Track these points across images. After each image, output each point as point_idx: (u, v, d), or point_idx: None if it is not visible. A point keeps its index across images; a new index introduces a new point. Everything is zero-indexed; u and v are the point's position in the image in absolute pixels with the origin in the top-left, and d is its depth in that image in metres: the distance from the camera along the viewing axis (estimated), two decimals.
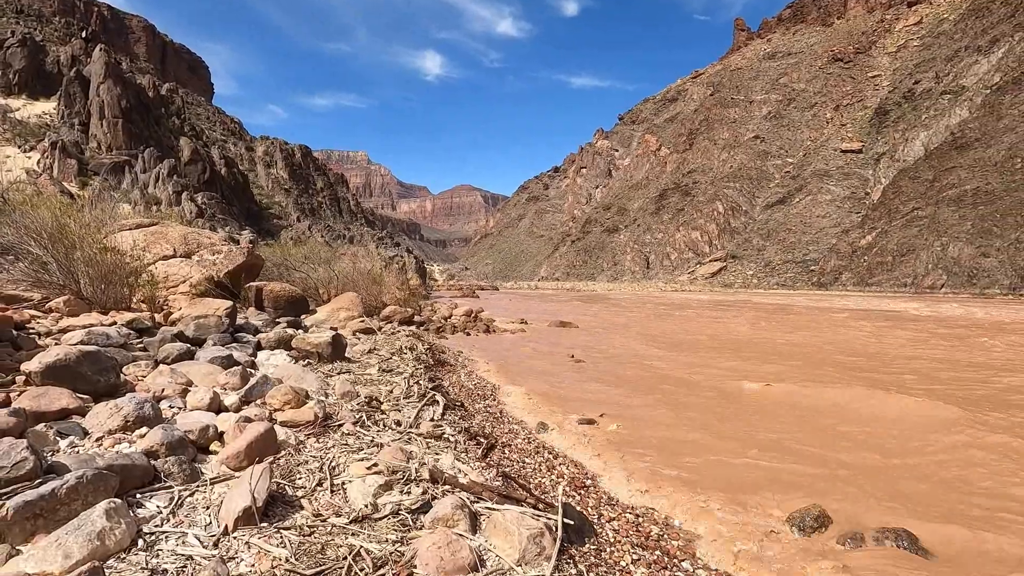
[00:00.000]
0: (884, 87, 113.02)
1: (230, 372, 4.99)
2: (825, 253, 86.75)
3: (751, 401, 6.73)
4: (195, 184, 46.86)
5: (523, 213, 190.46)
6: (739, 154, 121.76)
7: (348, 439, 3.86)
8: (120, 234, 11.63)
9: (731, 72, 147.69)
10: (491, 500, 2.89)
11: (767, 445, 4.82)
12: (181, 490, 2.74)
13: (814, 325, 18.63)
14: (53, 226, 7.40)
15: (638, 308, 30.09)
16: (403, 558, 2.25)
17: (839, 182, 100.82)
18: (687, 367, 9.23)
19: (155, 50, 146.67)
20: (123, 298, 8.12)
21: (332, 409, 4.59)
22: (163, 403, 4.17)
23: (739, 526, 3.25)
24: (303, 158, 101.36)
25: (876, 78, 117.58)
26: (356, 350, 8.20)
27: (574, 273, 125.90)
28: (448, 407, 5.17)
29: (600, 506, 3.38)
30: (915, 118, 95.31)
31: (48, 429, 3.18)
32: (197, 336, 6.68)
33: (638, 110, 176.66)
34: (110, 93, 45.35)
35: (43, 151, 38.67)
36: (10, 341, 5.11)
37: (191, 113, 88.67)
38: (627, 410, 6.00)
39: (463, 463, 3.55)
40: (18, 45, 51.73)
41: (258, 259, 14.11)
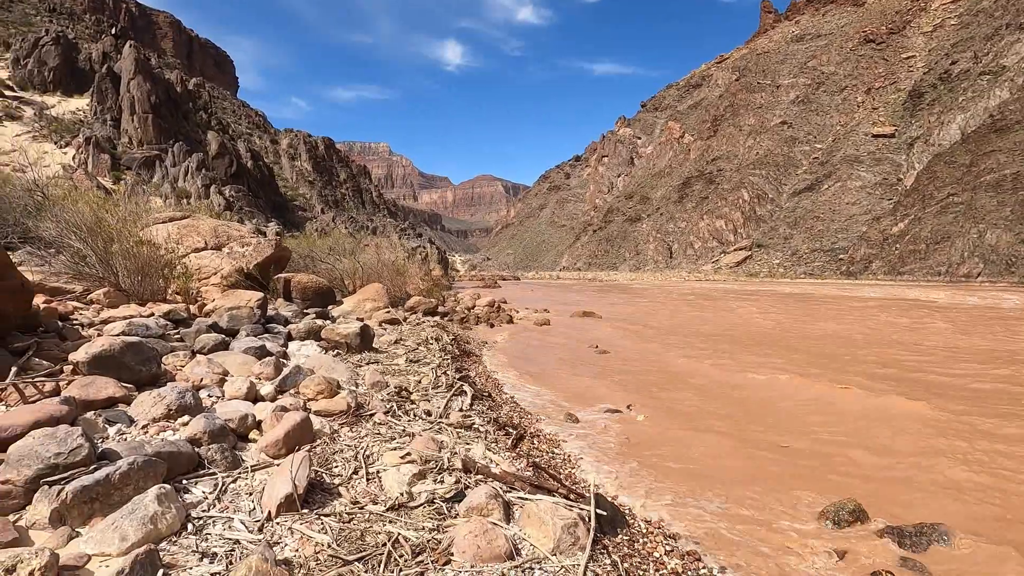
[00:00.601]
0: (919, 68, 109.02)
1: (264, 362, 5.11)
2: (855, 241, 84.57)
3: (775, 397, 6.64)
4: (222, 177, 47.75)
5: (544, 203, 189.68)
6: (765, 140, 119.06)
7: (380, 428, 3.94)
8: (154, 227, 11.96)
9: (757, 56, 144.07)
10: (523, 490, 2.93)
11: (788, 441, 4.77)
12: (224, 477, 2.84)
13: (847, 316, 18.24)
14: (91, 220, 7.63)
15: (661, 298, 29.82)
16: (440, 545, 2.30)
17: (870, 168, 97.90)
18: (714, 359, 9.14)
19: (181, 45, 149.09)
20: (159, 290, 8.36)
21: (363, 399, 4.68)
22: (202, 392, 4.30)
23: (761, 523, 3.24)
24: (326, 150, 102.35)
25: (910, 59, 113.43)
26: (383, 340, 8.32)
27: (596, 263, 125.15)
28: (476, 397, 5.22)
29: (631, 494, 3.39)
30: (951, 100, 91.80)
31: (97, 417, 3.32)
32: (231, 327, 6.85)
33: (661, 97, 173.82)
34: (140, 89, 46.34)
35: (78, 147, 39.81)
36: (56, 332, 5.31)
37: (217, 107, 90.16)
38: (653, 400, 5.98)
39: (493, 453, 3.60)
40: (52, 43, 53.12)
41: (285, 251, 14.35)
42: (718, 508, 3.38)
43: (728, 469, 4.03)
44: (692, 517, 3.18)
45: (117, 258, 7.79)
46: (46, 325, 5.45)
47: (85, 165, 37.30)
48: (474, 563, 2.21)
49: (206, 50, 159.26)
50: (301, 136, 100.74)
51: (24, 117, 43.71)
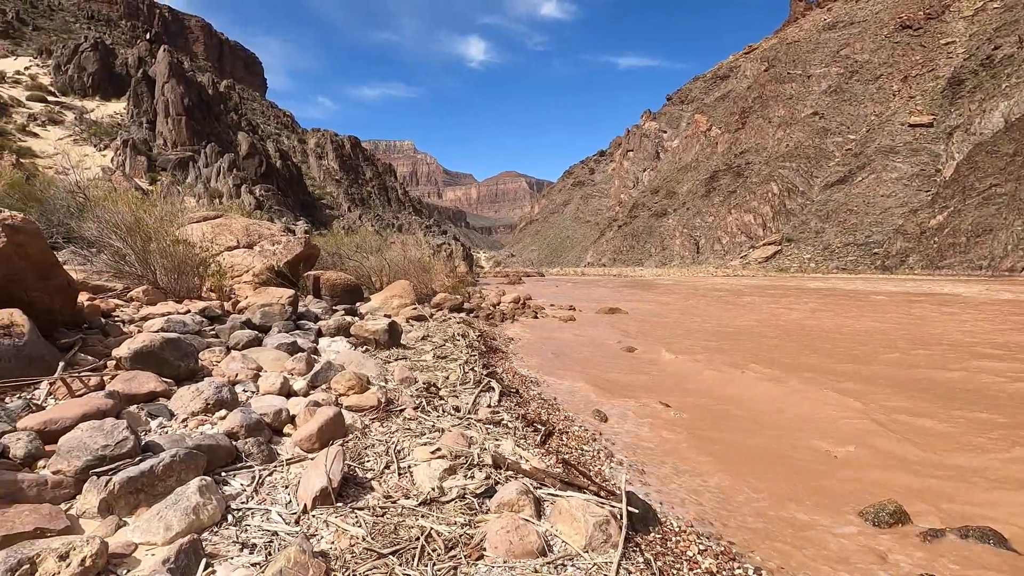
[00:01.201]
0: (959, 55, 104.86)
1: (296, 358, 5.22)
2: (890, 235, 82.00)
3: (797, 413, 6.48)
4: (253, 177, 48.86)
5: (568, 198, 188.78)
6: (796, 132, 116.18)
7: (410, 424, 3.98)
8: (189, 227, 12.30)
9: (787, 45, 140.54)
10: (553, 487, 2.93)
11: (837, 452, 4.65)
12: (261, 470, 2.91)
13: (888, 312, 17.71)
14: (130, 220, 7.88)
15: (689, 294, 29.42)
16: (472, 540, 2.32)
17: (906, 159, 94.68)
18: (749, 357, 8.98)
19: (212, 48, 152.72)
20: (194, 287, 8.59)
21: (392, 394, 4.73)
22: (237, 387, 4.41)
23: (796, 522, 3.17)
24: (352, 149, 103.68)
25: (950, 45, 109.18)
26: (410, 337, 8.40)
27: (621, 259, 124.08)
28: (504, 393, 5.24)
29: (662, 494, 3.35)
30: (994, 87, 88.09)
31: (140, 410, 3.43)
32: (263, 323, 7.01)
33: (687, 89, 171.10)
34: (174, 92, 47.70)
35: (116, 149, 41.21)
36: (99, 328, 5.51)
37: (247, 108, 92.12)
38: (685, 397, 5.91)
39: (523, 449, 3.60)
40: (91, 49, 55.04)
41: (315, 249, 14.60)
42: (757, 513, 3.32)
43: (766, 473, 3.96)
44: (731, 523, 3.13)
45: (155, 257, 8.03)
46: (90, 322, 5.66)
47: (123, 167, 38.59)
48: (507, 558, 2.22)
49: (236, 53, 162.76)
50: (328, 135, 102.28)
51: (66, 121, 45.43)
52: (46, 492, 2.29)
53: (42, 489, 2.29)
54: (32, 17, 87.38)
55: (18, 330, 3.95)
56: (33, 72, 53.70)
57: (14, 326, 3.94)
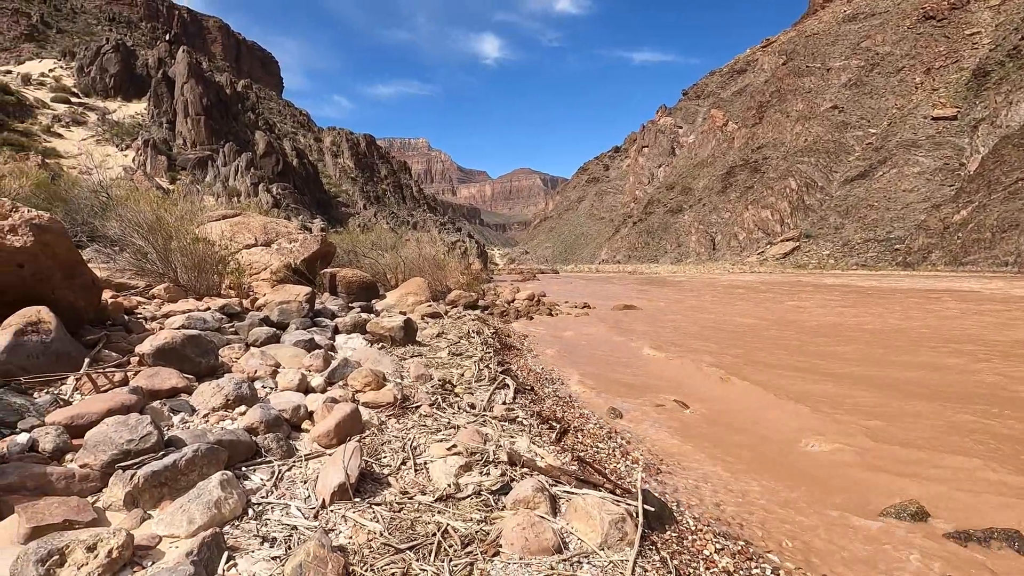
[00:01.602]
0: (984, 45, 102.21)
1: (313, 355, 5.28)
2: (912, 230, 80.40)
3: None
4: (270, 175, 49.47)
5: (583, 195, 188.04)
6: (814, 126, 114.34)
7: (426, 420, 4.01)
8: (208, 225, 12.49)
9: (806, 38, 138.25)
10: (569, 484, 2.93)
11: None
12: (280, 465, 2.95)
13: (915, 311, 17.40)
14: (151, 219, 8.03)
15: (705, 291, 29.16)
16: (488, 537, 2.33)
17: (929, 153, 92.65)
18: (768, 353, 8.89)
19: (230, 48, 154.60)
20: (214, 285, 8.73)
21: (408, 391, 4.77)
22: (256, 383, 4.47)
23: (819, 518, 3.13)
24: (367, 147, 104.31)
25: (975, 36, 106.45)
26: (425, 334, 8.45)
27: (636, 255, 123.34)
28: (519, 391, 5.25)
29: (678, 492, 3.34)
30: (1021, 78, 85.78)
31: (163, 406, 3.50)
32: (281, 320, 7.10)
33: (703, 84, 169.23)
34: (193, 92, 48.42)
35: (137, 149, 41.98)
36: (122, 325, 5.62)
37: (264, 108, 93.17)
38: (698, 394, 5.87)
39: (538, 446, 3.61)
40: (112, 51, 56.10)
41: (331, 246, 14.74)
42: (773, 513, 3.29)
43: (781, 474, 3.92)
44: (747, 522, 3.11)
45: (175, 255, 8.18)
46: (114, 319, 5.78)
47: (144, 166, 39.31)
48: (522, 555, 2.23)
49: (253, 52, 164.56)
50: (343, 134, 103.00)
51: (88, 122, 46.37)
52: (74, 485, 2.36)
53: (70, 482, 2.35)
54: (56, 20, 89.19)
55: (45, 327, 4.05)
56: (57, 74, 54.92)
57: (42, 323, 4.04)
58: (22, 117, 40.37)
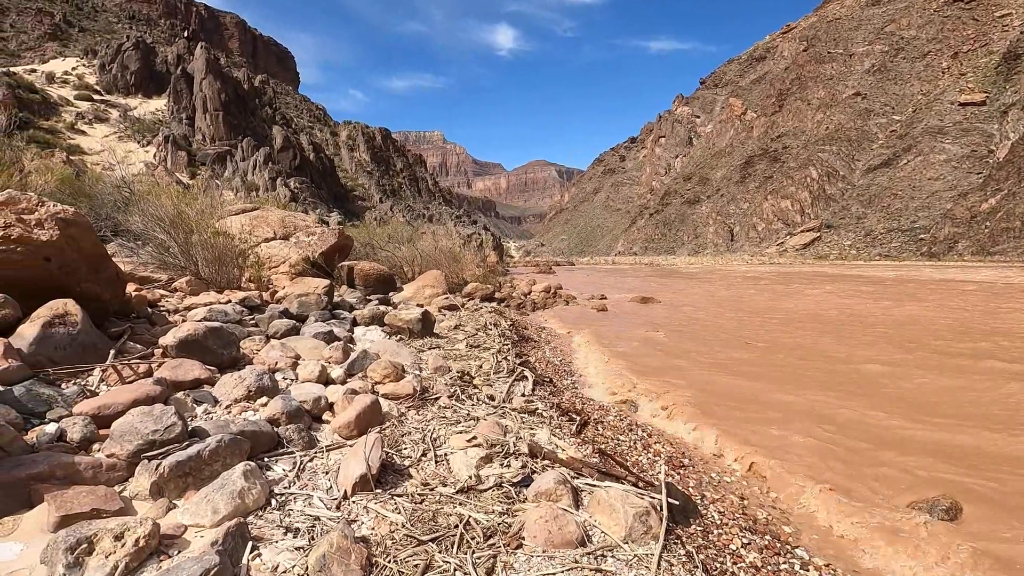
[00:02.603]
0: (1015, 27, 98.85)
1: (332, 347, 5.30)
2: (937, 220, 78.42)
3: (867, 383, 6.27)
4: (287, 170, 49.98)
5: (598, 187, 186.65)
6: (836, 114, 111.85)
7: (445, 412, 4.00)
8: (228, 219, 12.64)
9: (828, 23, 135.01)
10: (591, 476, 2.90)
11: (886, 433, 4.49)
12: (302, 456, 2.96)
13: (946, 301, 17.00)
14: (173, 213, 8.13)
15: (724, 282, 28.81)
16: (511, 529, 2.31)
17: (956, 140, 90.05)
18: (790, 346, 8.75)
19: (246, 44, 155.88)
20: (234, 278, 8.83)
21: (427, 383, 4.77)
22: (277, 375, 4.51)
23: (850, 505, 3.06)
24: (383, 140, 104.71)
25: (1005, 18, 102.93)
26: (443, 326, 8.47)
27: (652, 247, 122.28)
28: (537, 383, 5.22)
29: (702, 486, 3.29)
30: None
31: (186, 397, 3.54)
32: (300, 313, 7.16)
33: (721, 72, 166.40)
34: (211, 88, 49.01)
35: (158, 145, 42.66)
36: (146, 318, 5.71)
37: (281, 102, 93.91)
38: (716, 386, 5.79)
39: (558, 439, 3.58)
40: (133, 49, 56.96)
41: (348, 240, 14.83)
42: (801, 506, 3.23)
43: (813, 464, 3.85)
44: (774, 514, 3.05)
45: (196, 248, 8.28)
46: (138, 311, 5.87)
47: (164, 162, 39.95)
48: (546, 548, 2.20)
49: (269, 48, 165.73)
50: (359, 128, 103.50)
51: (110, 119, 47.20)
52: (101, 474, 2.39)
53: (97, 471, 2.38)
54: (78, 19, 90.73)
55: (72, 319, 4.12)
56: (80, 72, 55.93)
57: (68, 315, 4.11)
58: (47, 115, 41.24)
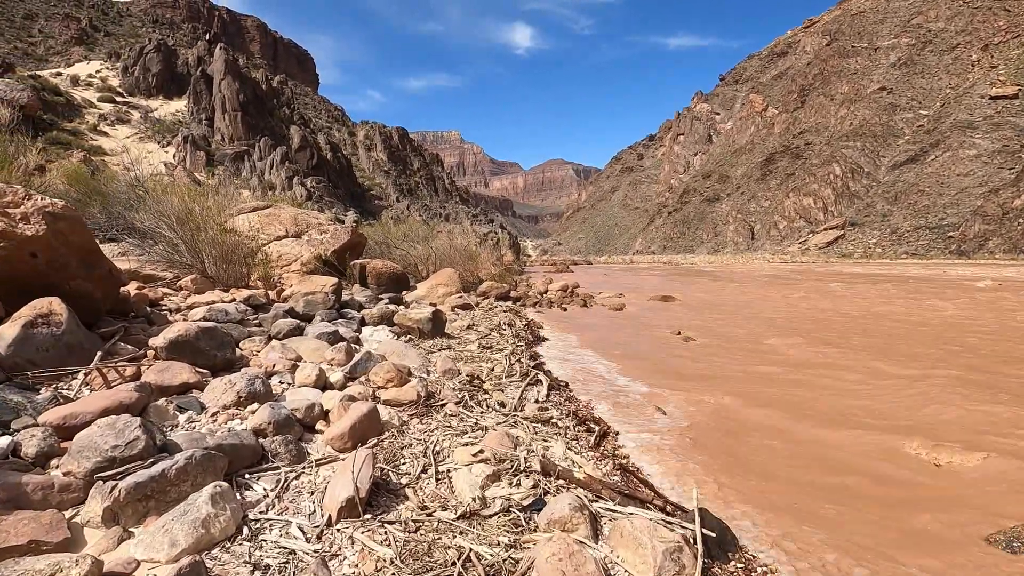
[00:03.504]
0: None
1: (336, 348, 5.02)
2: (967, 217, 76.05)
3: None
4: (305, 169, 50.19)
5: (616, 185, 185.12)
6: (861, 109, 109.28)
7: (451, 420, 3.68)
8: (239, 217, 12.50)
9: (852, 17, 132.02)
10: (612, 500, 2.55)
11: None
12: (287, 472, 2.66)
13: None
14: (180, 211, 7.94)
15: (746, 282, 28.10)
16: (518, 568, 1.97)
17: (987, 134, 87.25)
18: (816, 351, 8.27)
19: (267, 47, 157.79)
20: (242, 276, 8.62)
21: (434, 387, 4.46)
22: (273, 379, 4.23)
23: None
24: (400, 140, 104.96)
25: None
26: (455, 326, 8.16)
27: (671, 246, 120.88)
28: (552, 387, 4.88)
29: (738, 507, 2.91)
30: None
31: (169, 403, 3.26)
32: (306, 312, 6.90)
33: (741, 68, 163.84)
34: (229, 88, 49.42)
35: (177, 145, 43.13)
36: (144, 317, 5.48)
37: (299, 103, 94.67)
38: (752, 395, 5.38)
39: (575, 453, 3.23)
40: (154, 51, 57.80)
41: (361, 238, 14.63)
42: (856, 535, 2.83)
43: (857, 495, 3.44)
44: (828, 548, 2.66)
45: (204, 246, 8.08)
46: (137, 310, 5.66)
47: (184, 162, 40.37)
48: None
49: (289, 50, 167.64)
50: (376, 127, 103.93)
51: (132, 120, 47.90)
52: (52, 496, 2.10)
53: (48, 493, 2.09)
54: (103, 24, 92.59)
55: (57, 319, 3.88)
56: (103, 75, 56.91)
57: (53, 315, 3.87)
58: (70, 117, 41.97)
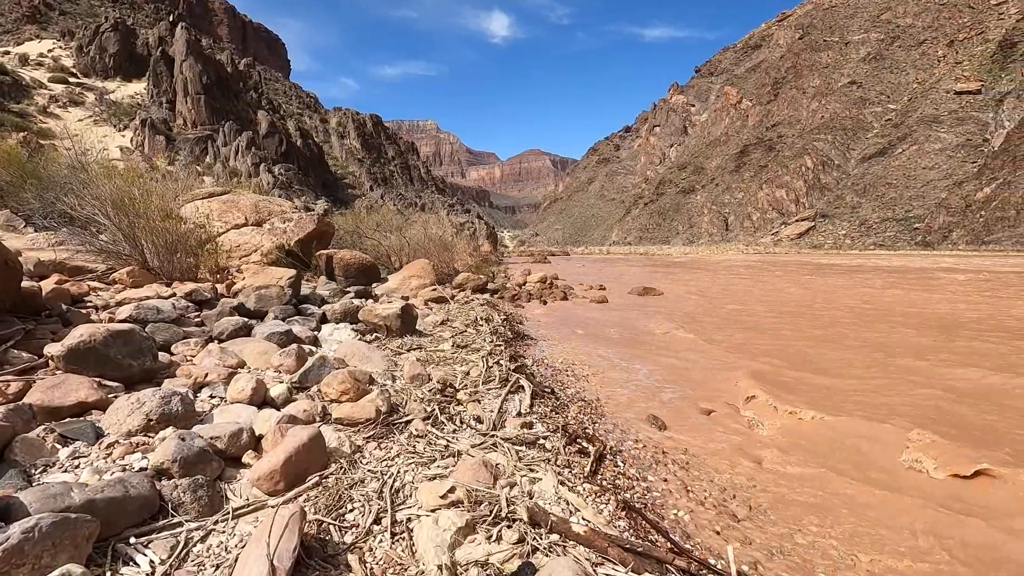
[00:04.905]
0: (1011, 15, 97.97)
1: (285, 352, 4.32)
2: (932, 209, 78.01)
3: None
4: (273, 156, 48.37)
5: (593, 176, 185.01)
6: (831, 102, 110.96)
7: (417, 443, 3.03)
8: (193, 203, 11.55)
9: (823, 11, 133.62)
10: (624, 563, 1.94)
11: None
12: (192, 530, 1.99)
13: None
14: (116, 195, 7.06)
15: (724, 272, 27.94)
16: None
17: (951, 128, 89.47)
18: (817, 340, 7.85)
19: (236, 31, 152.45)
20: (191, 268, 7.79)
21: (399, 398, 3.81)
22: (203, 392, 3.52)
23: None
24: (374, 127, 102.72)
25: (1001, 5, 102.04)
26: (428, 321, 7.49)
27: (647, 237, 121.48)
28: (536, 395, 4.27)
29: (772, 556, 2.35)
30: None
31: (47, 435, 2.54)
32: (258, 308, 6.16)
33: (716, 60, 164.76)
34: (192, 70, 47.14)
35: (135, 129, 40.98)
36: (59, 316, 4.68)
37: (269, 88, 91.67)
38: (760, 389, 4.86)
39: (568, 488, 2.62)
40: (111, 30, 54.86)
41: (328, 226, 13.78)
42: None
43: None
44: None
45: (144, 234, 7.23)
46: (51, 308, 4.86)
47: (142, 147, 38.39)
48: None
49: (259, 34, 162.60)
50: (350, 114, 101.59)
51: (86, 102, 45.39)
52: None
53: None
54: (58, 1, 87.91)
55: None
56: (56, 54, 53.82)
57: None
58: (18, 98, 39.45)
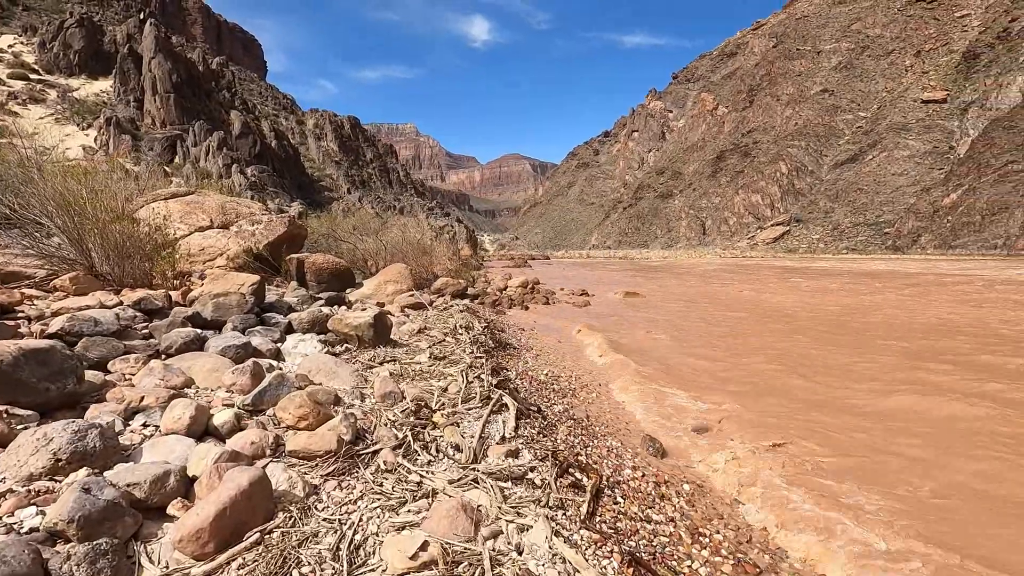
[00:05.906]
0: (974, 28, 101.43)
1: (239, 369, 3.83)
2: (901, 214, 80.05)
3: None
4: (246, 157, 47.05)
5: (573, 180, 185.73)
6: (805, 110, 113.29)
7: (385, 480, 2.60)
8: (152, 205, 10.88)
9: (796, 21, 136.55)
10: None
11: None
12: None
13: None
14: (57, 193, 6.46)
15: (704, 276, 27.93)
16: None
17: (919, 136, 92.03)
18: (808, 345, 7.59)
19: (211, 30, 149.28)
20: (146, 274, 7.21)
21: (367, 421, 3.37)
22: (136, 419, 3.03)
23: None
24: (352, 130, 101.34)
25: (964, 18, 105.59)
26: (404, 330, 7.03)
27: (626, 241, 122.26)
28: (521, 414, 3.86)
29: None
30: (1011, 61, 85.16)
31: None
32: (216, 318, 5.63)
33: (693, 67, 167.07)
34: (161, 68, 45.64)
35: (100, 128, 39.46)
36: None
37: (243, 88, 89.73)
38: (754, 408, 4.53)
39: (563, 537, 2.21)
40: (77, 26, 52.91)
41: (301, 229, 13.19)
42: None
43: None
44: None
45: (92, 237, 6.63)
46: None
47: (106, 146, 36.95)
48: None
49: (234, 34, 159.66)
50: (327, 116, 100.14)
51: (48, 100, 43.62)
52: None
53: None
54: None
55: None
56: (17, 50, 51.69)
57: None
58: None
